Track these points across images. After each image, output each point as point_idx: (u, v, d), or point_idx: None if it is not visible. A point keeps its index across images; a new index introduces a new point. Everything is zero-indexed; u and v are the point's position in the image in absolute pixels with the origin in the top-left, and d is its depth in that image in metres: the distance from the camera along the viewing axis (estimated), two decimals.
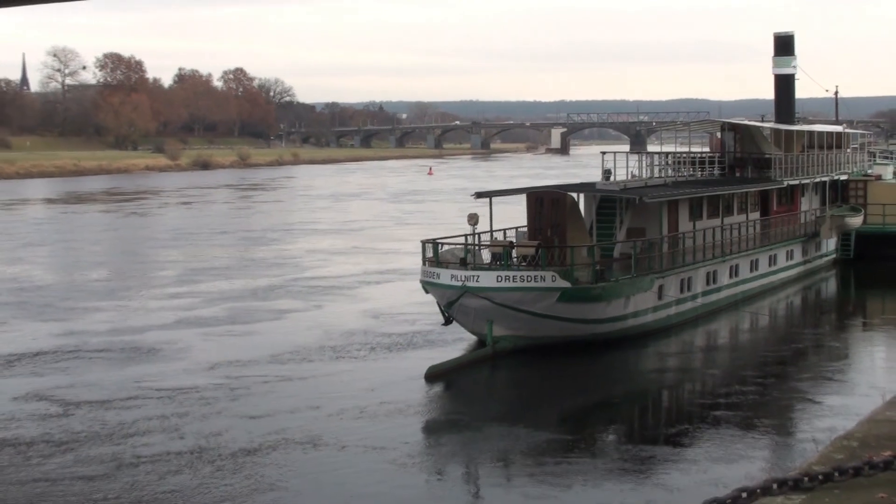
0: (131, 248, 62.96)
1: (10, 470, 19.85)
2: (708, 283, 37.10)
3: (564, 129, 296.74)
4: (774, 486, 7.45)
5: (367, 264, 50.71)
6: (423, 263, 31.89)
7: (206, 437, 22.09)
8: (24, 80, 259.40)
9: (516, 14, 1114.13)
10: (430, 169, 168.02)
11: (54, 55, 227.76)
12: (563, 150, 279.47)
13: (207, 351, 31.08)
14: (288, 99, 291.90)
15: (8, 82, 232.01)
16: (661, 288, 33.72)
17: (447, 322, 32.03)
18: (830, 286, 47.55)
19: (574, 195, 35.12)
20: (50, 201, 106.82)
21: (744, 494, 7.27)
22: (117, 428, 22.73)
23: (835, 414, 23.00)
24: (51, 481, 19.06)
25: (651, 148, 62.04)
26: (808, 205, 48.58)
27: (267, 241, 63.58)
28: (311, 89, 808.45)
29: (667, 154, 49.76)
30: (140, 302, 40.58)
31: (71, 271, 50.03)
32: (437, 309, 33.36)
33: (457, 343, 31.52)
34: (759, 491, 7.38)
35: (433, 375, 27.59)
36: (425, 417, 25.00)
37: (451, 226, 42.18)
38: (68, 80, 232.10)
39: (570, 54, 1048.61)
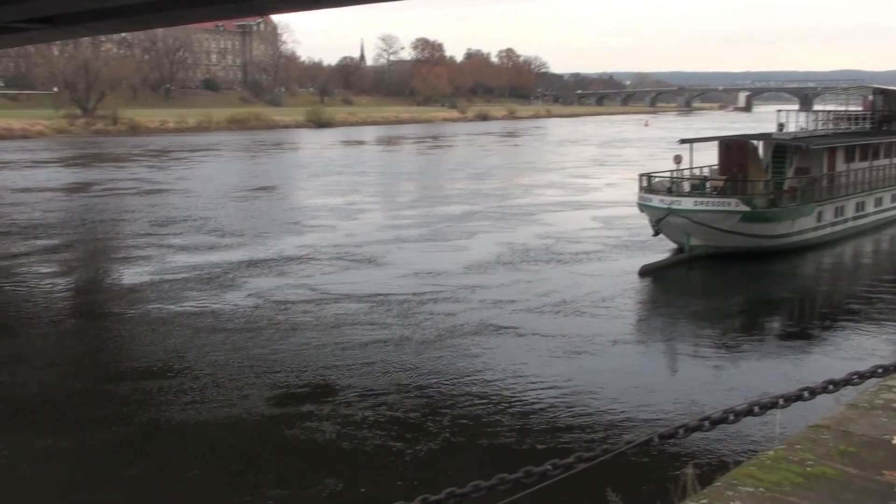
0: (389, 179, 59.04)
1: (250, 346, 18.90)
2: (857, 210, 35.02)
3: (749, 93, 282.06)
4: None
5: (574, 196, 46.74)
6: (640, 190, 31.25)
7: (412, 328, 20.25)
8: (362, 57, 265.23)
9: (711, 6, 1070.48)
10: (647, 122, 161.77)
11: (382, 40, 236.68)
12: (747, 108, 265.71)
13: (415, 261, 28.56)
14: (544, 70, 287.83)
15: (352, 59, 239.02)
16: (819, 213, 32.10)
17: (656, 234, 31.38)
18: None
19: (755, 142, 33.95)
20: (361, 143, 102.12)
21: (879, 370, 7.02)
22: (336, 319, 21.04)
23: None
24: (277, 361, 17.87)
25: (816, 108, 58.71)
26: None
27: (488, 177, 58.44)
28: (560, 63, 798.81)
29: (828, 112, 47.10)
30: (372, 221, 38.30)
31: (330, 196, 47.20)
32: (640, 230, 32.84)
33: (661, 251, 30.79)
34: (891, 367, 7.11)
35: (645, 272, 27.29)
36: (637, 303, 24.58)
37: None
38: (391, 57, 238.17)
39: (755, 36, 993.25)
